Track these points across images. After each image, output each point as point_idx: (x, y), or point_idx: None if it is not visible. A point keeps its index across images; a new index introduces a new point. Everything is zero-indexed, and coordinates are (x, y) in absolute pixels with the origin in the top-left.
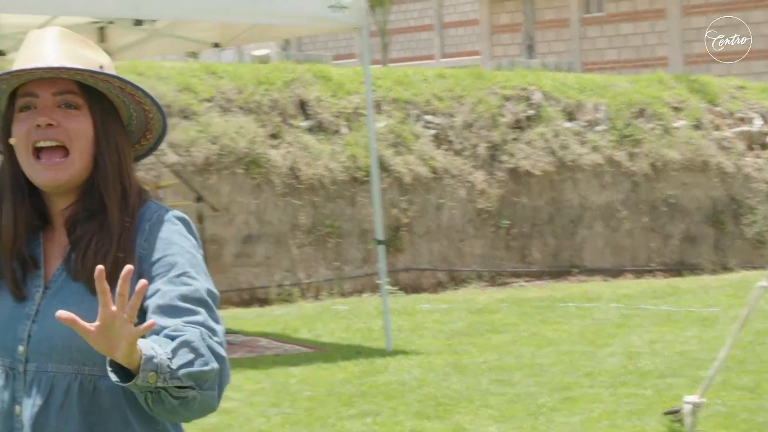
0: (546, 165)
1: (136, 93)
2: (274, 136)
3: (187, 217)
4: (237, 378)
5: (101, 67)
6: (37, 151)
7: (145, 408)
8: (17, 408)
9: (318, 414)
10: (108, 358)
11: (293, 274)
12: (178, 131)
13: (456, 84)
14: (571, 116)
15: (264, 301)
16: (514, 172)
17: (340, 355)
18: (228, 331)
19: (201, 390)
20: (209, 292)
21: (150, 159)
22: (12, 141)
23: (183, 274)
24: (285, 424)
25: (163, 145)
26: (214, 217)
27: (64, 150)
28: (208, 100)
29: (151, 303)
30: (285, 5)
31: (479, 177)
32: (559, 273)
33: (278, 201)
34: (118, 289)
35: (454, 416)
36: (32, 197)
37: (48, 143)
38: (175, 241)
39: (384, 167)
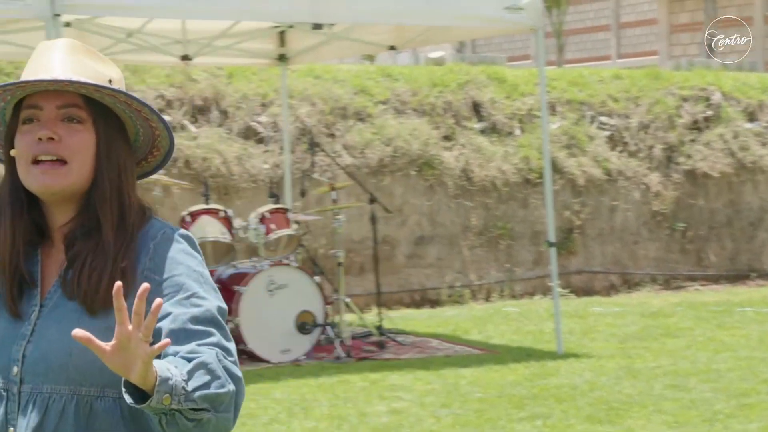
0: (724, 167)
1: (143, 109)
2: (447, 137)
3: (191, 234)
4: (407, 378)
5: (110, 81)
6: (36, 164)
7: (159, 430)
8: (11, 430)
9: (488, 416)
10: (123, 379)
11: (464, 275)
12: (353, 133)
13: (632, 85)
14: (752, 117)
15: (435, 302)
16: (691, 174)
17: (510, 357)
18: (399, 332)
19: (216, 412)
20: (219, 310)
21: (326, 160)
22: (13, 152)
23: (192, 295)
24: (455, 425)
25: (337, 147)
26: (387, 219)
27: (63, 162)
28: (383, 103)
29: (164, 326)
30: (460, 7)
31: (654, 179)
32: (736, 277)
33: (450, 202)
34: (134, 308)
35: (626, 421)
36: (31, 211)
37: (48, 157)
38: (180, 261)
39: (557, 169)
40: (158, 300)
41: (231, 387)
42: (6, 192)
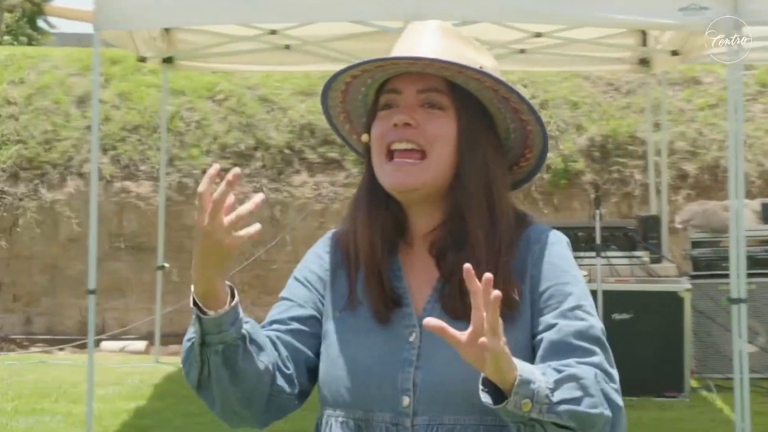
0: None
1: (511, 97)
2: None
3: (567, 239)
4: None
5: (481, 67)
6: (391, 153)
7: None
8: None
9: None
10: (482, 377)
11: None
12: None
13: None
14: None
15: None
16: None
17: None
18: None
19: None
20: (603, 332)
21: None
22: (364, 138)
23: (578, 307)
24: None
25: None
26: None
27: (420, 153)
28: None
29: (545, 338)
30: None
31: None
32: None
33: None
34: (482, 298)
35: None
36: (392, 208)
37: (403, 145)
38: (566, 269)
39: None
40: (496, 292)
41: (606, 411)
42: (364, 186)
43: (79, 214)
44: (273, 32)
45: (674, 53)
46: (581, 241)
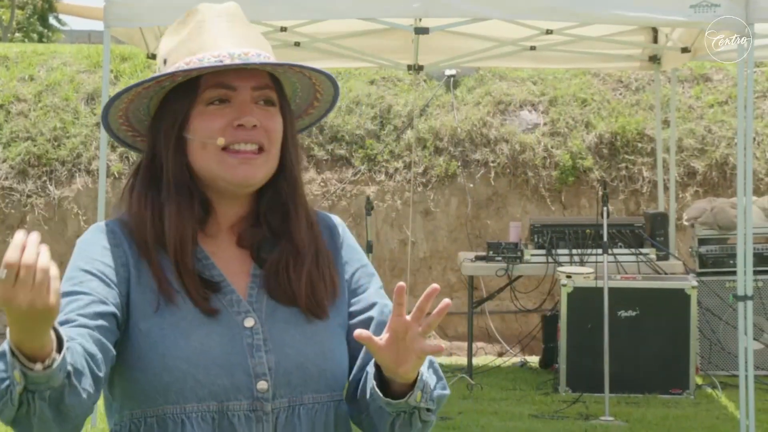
0: None
1: (313, 75)
2: None
3: None
4: None
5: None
6: (229, 152)
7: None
8: None
9: None
10: (374, 374)
11: None
12: None
13: None
14: None
15: None
16: None
17: None
18: None
19: (434, 415)
20: None
21: None
22: (220, 142)
23: (381, 287)
24: None
25: None
26: None
27: (261, 151)
28: None
29: (375, 316)
30: None
31: None
32: None
33: None
34: (418, 304)
35: None
36: (195, 201)
37: (249, 146)
38: (360, 250)
39: None
40: (446, 300)
41: (448, 390)
42: (170, 178)
43: (87, 211)
44: (283, 29)
45: (684, 50)
46: (588, 238)
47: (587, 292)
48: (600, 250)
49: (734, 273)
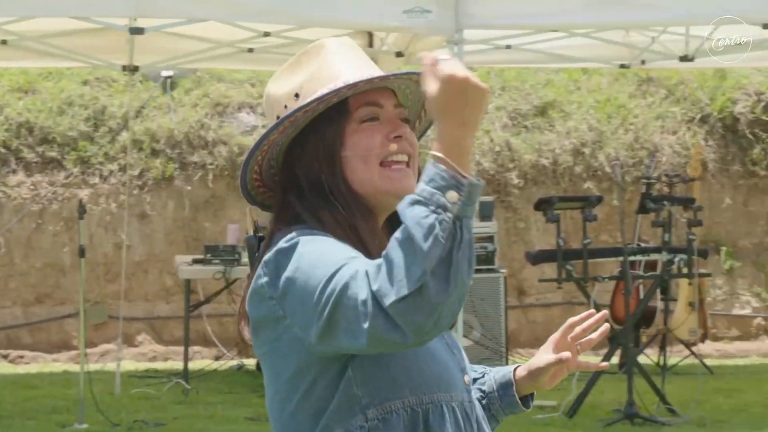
0: None
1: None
2: None
3: None
4: None
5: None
6: (385, 166)
7: None
8: None
9: None
10: (514, 386)
11: None
12: None
13: None
14: None
15: None
16: None
17: None
18: None
19: None
20: None
21: None
22: (393, 148)
23: None
24: None
25: None
26: None
27: (407, 164)
28: None
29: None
30: None
31: None
32: None
33: None
34: (584, 325)
35: None
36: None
37: (401, 157)
38: None
39: None
40: (604, 325)
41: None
42: (346, 198)
43: None
44: None
45: (399, 54)
46: None
47: None
48: None
49: None
